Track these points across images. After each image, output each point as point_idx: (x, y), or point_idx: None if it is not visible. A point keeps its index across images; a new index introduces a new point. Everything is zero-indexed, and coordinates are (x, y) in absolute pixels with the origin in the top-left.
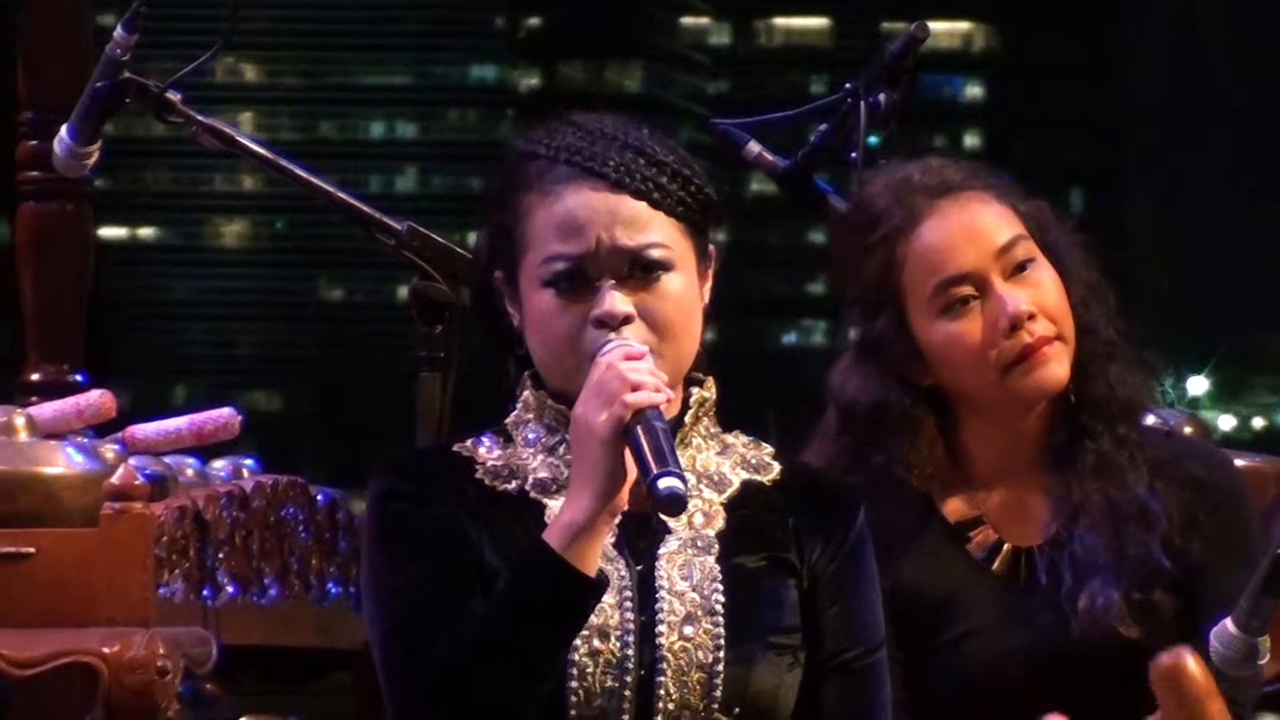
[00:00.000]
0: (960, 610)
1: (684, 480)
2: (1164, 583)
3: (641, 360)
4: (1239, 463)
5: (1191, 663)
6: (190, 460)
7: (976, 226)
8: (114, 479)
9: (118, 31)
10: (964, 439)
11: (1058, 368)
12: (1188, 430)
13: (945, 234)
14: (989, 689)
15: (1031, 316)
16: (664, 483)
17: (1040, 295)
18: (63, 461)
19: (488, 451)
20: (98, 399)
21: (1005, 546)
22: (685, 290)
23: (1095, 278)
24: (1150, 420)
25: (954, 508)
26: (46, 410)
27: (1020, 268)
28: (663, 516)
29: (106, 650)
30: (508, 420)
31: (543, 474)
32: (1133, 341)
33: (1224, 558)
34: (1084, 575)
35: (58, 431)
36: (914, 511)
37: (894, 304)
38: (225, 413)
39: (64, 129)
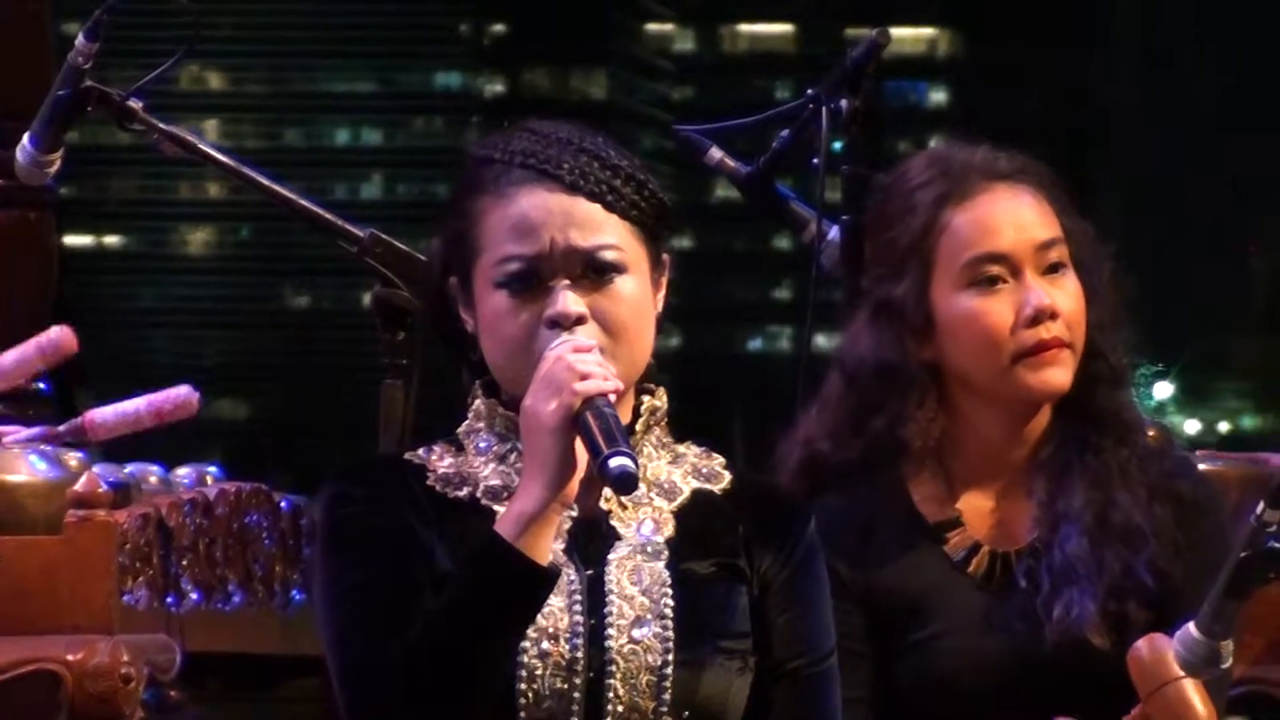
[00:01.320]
0: (933, 610)
1: (634, 460)
2: (1141, 598)
3: (590, 353)
4: (1202, 466)
5: (1168, 648)
6: (154, 468)
7: (1023, 215)
8: (77, 486)
9: (80, 39)
10: (958, 428)
11: (1063, 374)
12: (1151, 434)
13: (992, 212)
14: (958, 691)
15: (1054, 315)
16: (615, 462)
17: (1065, 301)
18: (25, 469)
19: (439, 459)
20: (58, 335)
21: (983, 549)
22: (638, 293)
23: (1119, 307)
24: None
25: (932, 507)
26: (9, 357)
27: (1053, 269)
28: (611, 522)
29: (70, 658)
30: (460, 429)
31: (494, 481)
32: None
33: (1200, 573)
34: (1062, 584)
35: (23, 377)
36: (894, 505)
37: (921, 268)
38: (183, 391)
39: (26, 137)
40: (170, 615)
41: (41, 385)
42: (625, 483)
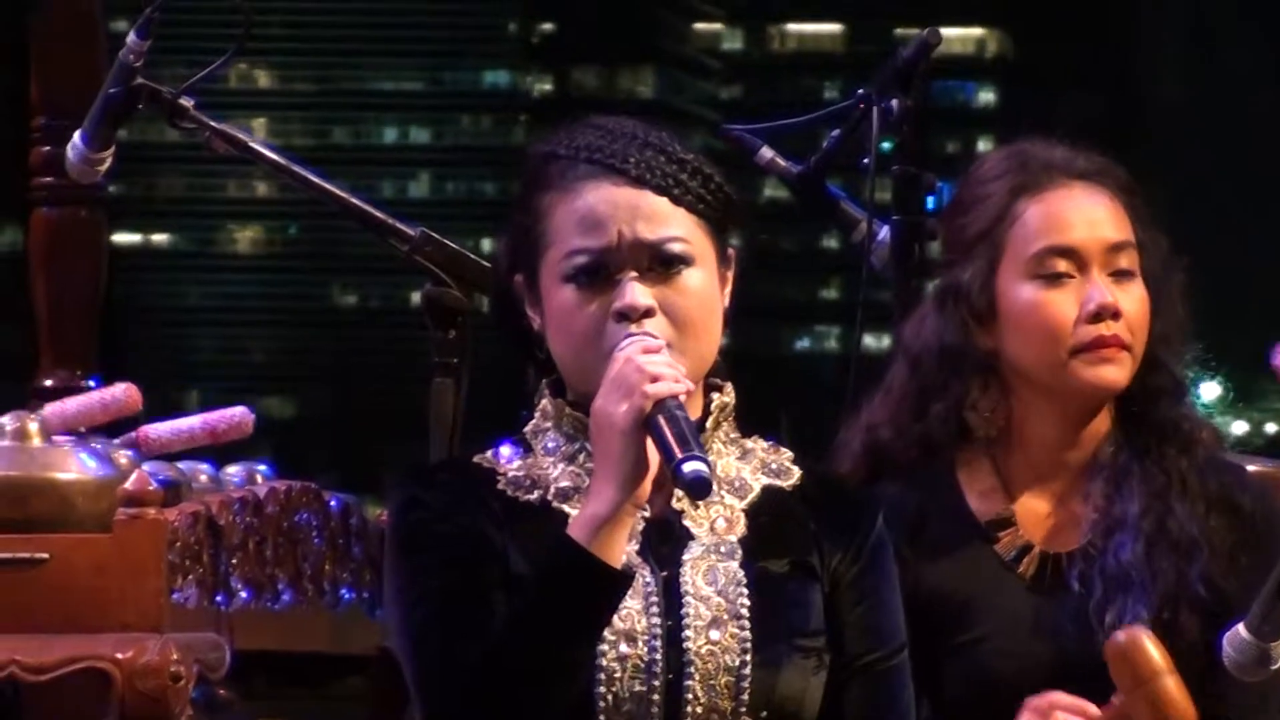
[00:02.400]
0: (981, 611)
1: (708, 464)
2: (1194, 608)
3: (659, 353)
4: (1251, 468)
5: (1147, 640)
6: (204, 466)
7: (1099, 215)
8: (127, 484)
9: (131, 37)
10: (1015, 424)
11: (1119, 372)
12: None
13: (1068, 207)
14: (1004, 693)
15: (1116, 315)
16: (689, 466)
17: (1129, 304)
18: (76, 467)
19: (508, 462)
20: (122, 392)
21: (1034, 550)
22: (706, 287)
23: (1183, 323)
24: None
25: (985, 504)
26: (71, 405)
27: (1121, 273)
28: (684, 522)
29: (120, 656)
30: (526, 429)
31: (564, 483)
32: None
33: (1257, 585)
34: (1115, 590)
35: (82, 426)
36: (947, 498)
37: (990, 255)
38: (239, 411)
39: (77, 135)
40: (220, 614)
41: (92, 382)
42: (700, 487)
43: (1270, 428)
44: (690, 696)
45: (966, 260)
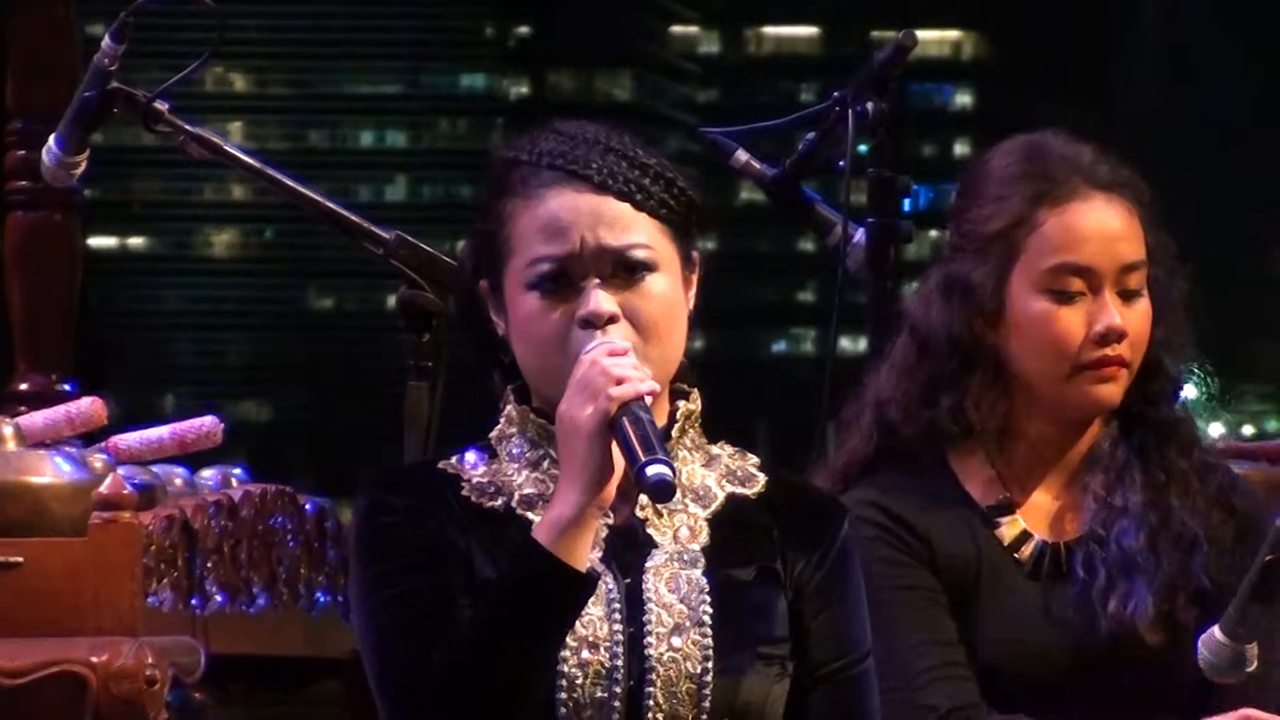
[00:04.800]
0: (983, 596)
1: (672, 467)
2: (1195, 600)
3: (625, 356)
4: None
5: None
6: (179, 469)
7: (1117, 232)
8: (102, 488)
9: (106, 41)
10: (1013, 420)
11: (1117, 390)
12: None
13: (1089, 223)
14: (1005, 679)
15: (1121, 337)
16: (652, 470)
17: (1135, 323)
18: (51, 471)
19: (472, 467)
20: (89, 406)
21: (1034, 538)
22: (670, 292)
23: (1184, 326)
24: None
25: (984, 495)
26: (38, 419)
27: (1129, 293)
28: (648, 530)
29: (95, 660)
30: (492, 435)
31: (528, 490)
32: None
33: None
34: (1119, 576)
35: (49, 439)
36: (946, 488)
37: (1005, 258)
38: (208, 421)
39: (52, 138)
40: (195, 617)
41: (68, 386)
42: (663, 490)
43: (1248, 430)
44: (651, 703)
45: (980, 257)
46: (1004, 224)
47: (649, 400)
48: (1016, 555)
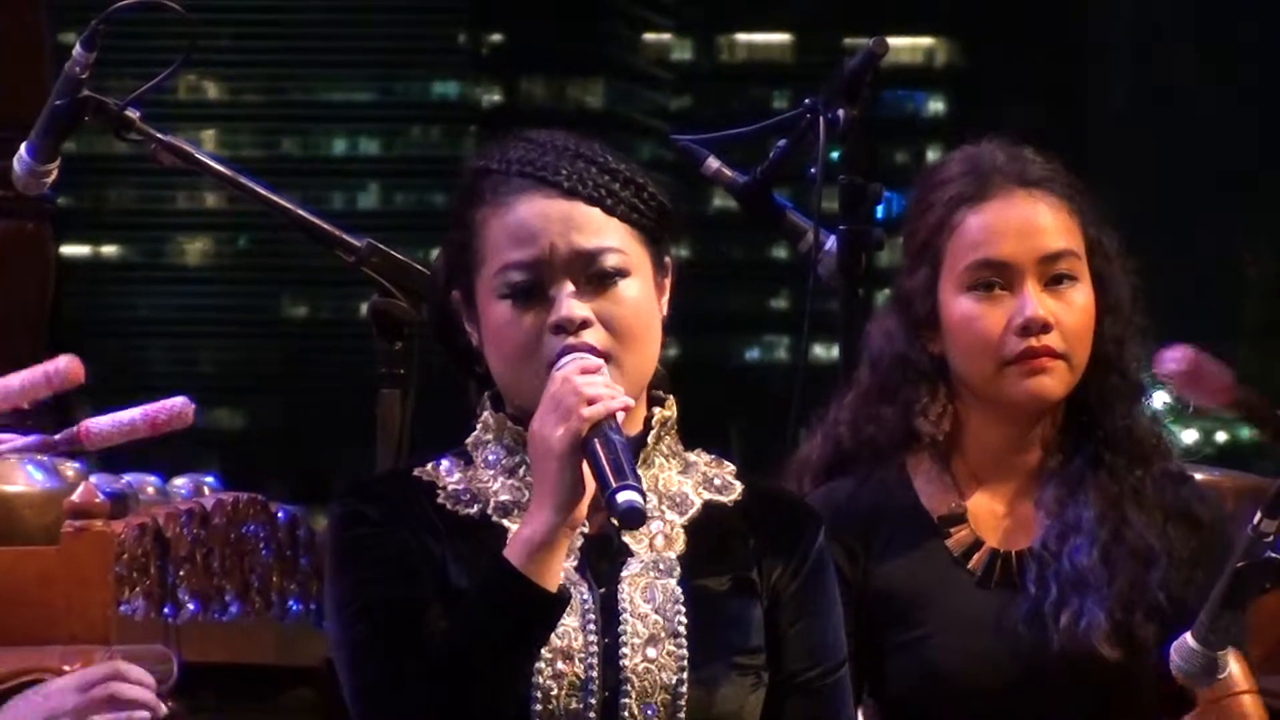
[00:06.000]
0: (931, 607)
1: (642, 494)
2: (1150, 614)
3: (597, 373)
4: (1198, 476)
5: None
6: (151, 478)
7: (1033, 225)
8: (74, 497)
9: (77, 49)
10: (963, 426)
11: (1051, 383)
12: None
13: (1001, 219)
14: (954, 688)
15: (1046, 328)
16: (622, 496)
17: (1067, 313)
18: (22, 479)
19: (448, 474)
20: (66, 364)
21: (984, 546)
22: (642, 297)
23: (1139, 323)
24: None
25: (937, 502)
26: (14, 381)
27: (1058, 280)
28: (624, 538)
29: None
30: (468, 441)
31: (504, 497)
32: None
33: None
34: (1070, 592)
35: (26, 400)
36: (899, 497)
37: (933, 264)
38: (178, 401)
39: (23, 147)
40: (167, 626)
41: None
42: (633, 518)
43: (1221, 436)
44: (627, 714)
45: (913, 268)
46: (928, 231)
47: (621, 416)
48: (967, 565)
